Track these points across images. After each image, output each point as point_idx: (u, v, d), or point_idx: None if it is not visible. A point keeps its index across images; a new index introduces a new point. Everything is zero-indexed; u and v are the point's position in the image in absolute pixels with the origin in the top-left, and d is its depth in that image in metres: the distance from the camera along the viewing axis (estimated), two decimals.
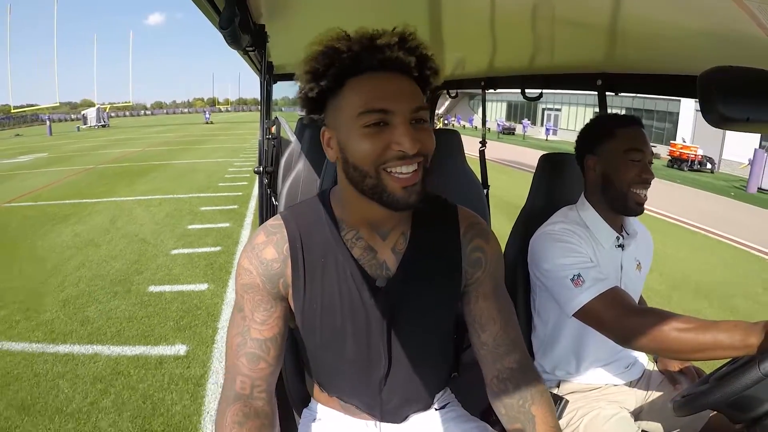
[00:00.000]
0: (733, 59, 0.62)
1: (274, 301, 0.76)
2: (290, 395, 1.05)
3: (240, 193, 7.49)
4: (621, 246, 1.11)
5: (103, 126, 36.82)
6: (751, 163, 12.48)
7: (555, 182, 1.29)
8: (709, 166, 15.85)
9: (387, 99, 0.66)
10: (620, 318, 0.91)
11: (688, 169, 15.40)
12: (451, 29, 1.16)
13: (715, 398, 0.75)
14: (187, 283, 3.66)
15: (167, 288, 3.57)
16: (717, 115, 0.52)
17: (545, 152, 1.34)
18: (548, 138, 24.74)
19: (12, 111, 45.52)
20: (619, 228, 1.12)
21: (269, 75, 1.84)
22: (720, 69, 0.54)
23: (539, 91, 1.85)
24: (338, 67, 0.66)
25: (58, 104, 51.45)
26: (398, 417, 0.86)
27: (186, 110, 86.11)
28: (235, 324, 0.77)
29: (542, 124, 26.86)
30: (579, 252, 1.02)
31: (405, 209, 0.69)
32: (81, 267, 4.07)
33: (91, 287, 3.59)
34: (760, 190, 12.08)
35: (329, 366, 0.83)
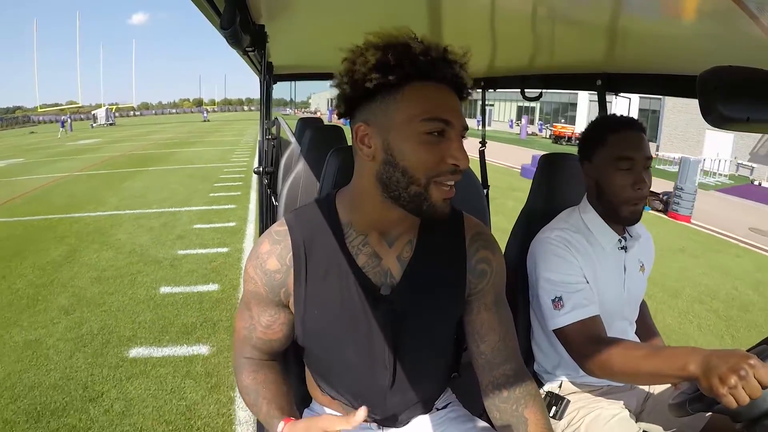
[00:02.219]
0: (733, 59, 0.62)
1: (278, 308, 0.78)
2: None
3: (250, 150, 15.10)
4: (624, 248, 1.11)
5: (111, 124, 39.81)
6: None
7: (555, 182, 1.28)
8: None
9: (449, 111, 0.67)
10: (584, 348, 0.95)
11: (566, 143, 19.19)
12: (451, 30, 1.16)
13: (714, 398, 0.75)
14: (240, 159, 12.63)
15: (235, 159, 12.65)
16: (717, 115, 0.52)
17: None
18: (478, 128, 30.33)
19: (39, 110, 54.25)
20: (621, 230, 1.12)
21: (269, 75, 1.84)
22: (720, 69, 0.54)
23: (539, 91, 1.85)
24: (410, 66, 0.65)
25: (81, 105, 54.67)
26: (401, 419, 0.86)
27: (174, 111, 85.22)
28: (243, 317, 0.81)
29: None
30: (568, 271, 1.02)
31: (438, 219, 0.70)
32: (203, 159, 12.80)
33: (213, 161, 12.34)
34: None
35: (332, 371, 0.83)
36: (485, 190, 2.21)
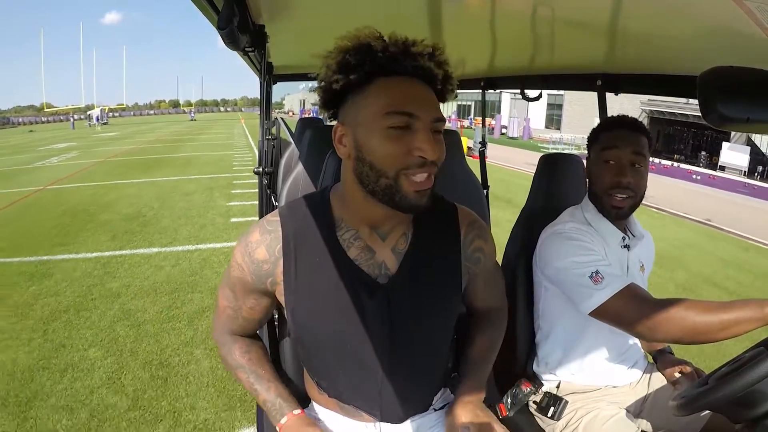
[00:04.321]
0: (733, 59, 0.62)
1: (261, 294, 0.81)
2: None
3: (245, 134, 22.74)
4: (627, 246, 1.11)
5: (104, 123, 42.22)
6: (496, 121, 24.34)
7: (555, 182, 1.28)
8: (502, 130, 25.19)
9: (414, 104, 0.68)
10: (643, 312, 0.90)
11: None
12: (451, 29, 1.16)
13: (715, 397, 0.75)
14: (240, 140, 19.89)
15: (237, 140, 19.84)
16: (717, 115, 0.52)
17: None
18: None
19: (45, 109, 60.29)
20: (623, 229, 1.12)
21: (269, 75, 1.84)
22: (720, 69, 0.54)
23: (539, 91, 1.85)
24: (371, 64, 0.67)
25: (83, 105, 57.29)
26: (398, 417, 0.85)
27: (152, 112, 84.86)
28: (227, 297, 0.84)
29: None
30: (593, 250, 1.01)
31: (414, 211, 0.71)
32: (218, 139, 20.83)
33: (224, 140, 20.25)
34: (502, 134, 22.18)
35: (328, 366, 0.83)
36: (485, 190, 2.20)
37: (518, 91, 1.87)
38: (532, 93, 1.89)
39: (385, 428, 0.85)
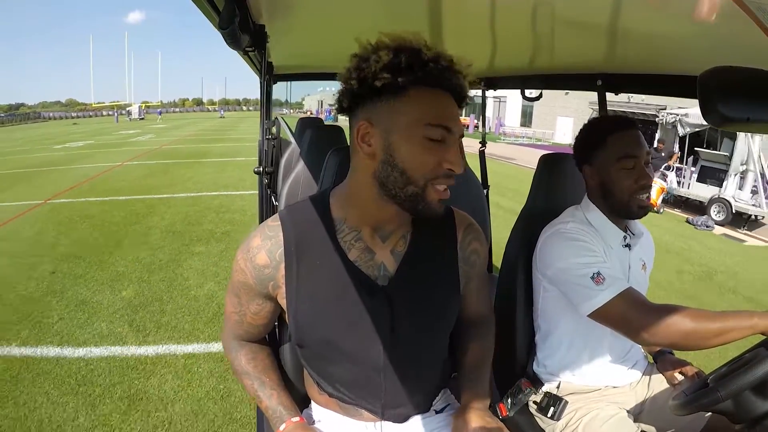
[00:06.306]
0: (733, 59, 0.62)
1: (265, 298, 0.82)
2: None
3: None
4: (628, 246, 1.10)
5: (142, 119, 45.04)
6: (470, 119, 25.82)
7: (555, 182, 1.28)
8: (475, 127, 26.53)
9: (451, 119, 0.71)
10: (643, 316, 0.91)
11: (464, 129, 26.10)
12: (451, 30, 1.16)
13: (715, 398, 0.75)
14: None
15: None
16: (717, 116, 0.52)
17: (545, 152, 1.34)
18: None
19: (93, 105, 64.58)
20: (624, 228, 1.11)
21: (269, 75, 1.84)
22: (720, 69, 0.54)
23: (539, 91, 1.85)
24: (420, 71, 0.67)
25: (128, 102, 58.80)
26: (398, 417, 0.86)
27: (177, 110, 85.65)
28: (233, 303, 0.85)
29: None
30: (594, 251, 1.01)
31: (433, 217, 0.74)
32: (253, 129, 23.37)
33: (255, 128, 11.84)
34: (475, 128, 22.46)
35: (328, 367, 0.83)
36: (485, 190, 2.20)
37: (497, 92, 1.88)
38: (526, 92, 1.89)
39: (387, 427, 0.85)
